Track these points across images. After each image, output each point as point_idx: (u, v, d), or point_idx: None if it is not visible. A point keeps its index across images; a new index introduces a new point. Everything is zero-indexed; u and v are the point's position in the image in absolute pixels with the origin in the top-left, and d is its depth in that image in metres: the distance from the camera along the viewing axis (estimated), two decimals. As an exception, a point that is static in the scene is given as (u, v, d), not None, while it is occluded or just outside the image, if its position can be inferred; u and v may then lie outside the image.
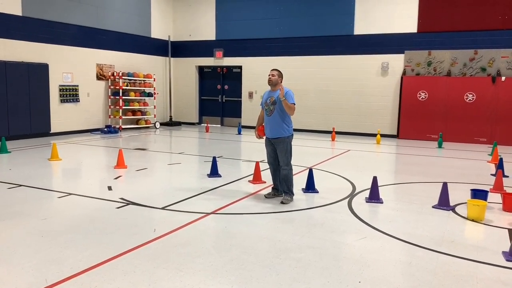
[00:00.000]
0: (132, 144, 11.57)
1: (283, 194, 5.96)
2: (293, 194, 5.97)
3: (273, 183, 6.21)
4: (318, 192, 6.40)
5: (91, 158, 9.56)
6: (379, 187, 6.04)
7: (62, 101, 12.95)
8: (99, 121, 14.30)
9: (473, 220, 5.17)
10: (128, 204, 5.65)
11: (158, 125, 15.88)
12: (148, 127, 15.67)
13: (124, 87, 14.49)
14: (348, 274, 3.64)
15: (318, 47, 14.69)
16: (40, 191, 6.33)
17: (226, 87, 16.98)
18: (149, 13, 16.10)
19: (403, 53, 13.59)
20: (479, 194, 5.71)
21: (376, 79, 14.03)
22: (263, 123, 6.14)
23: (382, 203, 5.89)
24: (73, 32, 13.16)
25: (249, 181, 7.11)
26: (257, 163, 7.17)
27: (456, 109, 12.84)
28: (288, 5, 15.03)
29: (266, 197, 6.10)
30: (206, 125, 15.58)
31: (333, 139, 12.94)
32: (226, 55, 16.36)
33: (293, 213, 5.43)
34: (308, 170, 6.72)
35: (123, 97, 14.52)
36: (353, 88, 14.33)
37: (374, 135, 13.35)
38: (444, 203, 5.69)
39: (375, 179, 6.02)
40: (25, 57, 11.76)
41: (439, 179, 7.36)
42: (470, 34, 12.75)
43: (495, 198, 6.12)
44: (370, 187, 6.08)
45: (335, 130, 13.49)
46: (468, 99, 12.70)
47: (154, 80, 15.80)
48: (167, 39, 16.96)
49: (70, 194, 6.15)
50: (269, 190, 6.35)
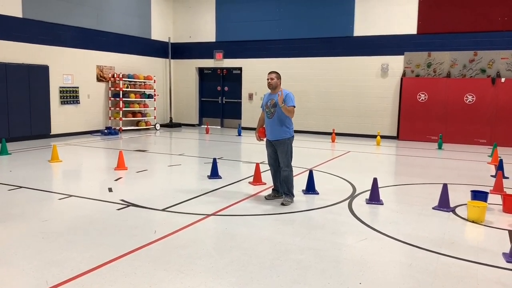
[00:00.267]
0: (133, 145, 11.58)
1: (284, 196, 5.97)
2: (293, 196, 5.98)
3: (274, 184, 6.22)
4: (318, 194, 6.41)
5: (91, 160, 9.57)
6: (379, 189, 6.05)
7: (63, 102, 12.96)
8: (99, 122, 14.31)
9: (473, 222, 5.17)
10: (128, 206, 5.65)
11: (158, 126, 15.88)
12: (148, 129, 15.68)
13: (124, 89, 14.51)
14: (348, 276, 3.65)
15: (318, 49, 14.71)
16: (40, 192, 6.33)
17: (226, 88, 16.99)
18: (149, 14, 16.12)
19: (403, 54, 13.61)
20: (479, 196, 5.72)
21: (376, 81, 14.05)
22: (263, 125, 6.14)
23: (383, 204, 5.89)
24: (73, 34, 13.18)
25: (249, 182, 7.11)
26: (257, 164, 7.17)
27: (456, 111, 12.84)
28: (288, 6, 15.05)
29: (267, 199, 6.11)
30: (206, 126, 15.59)
31: (333, 141, 12.95)
32: (226, 56, 16.38)
33: (293, 214, 5.43)
34: (308, 172, 6.72)
35: (123, 98, 14.53)
36: (353, 89, 14.35)
37: (374, 136, 13.36)
38: (444, 204, 5.69)
39: (375, 180, 6.03)
40: (25, 59, 11.77)
41: (439, 180, 7.36)
42: (470, 35, 12.77)
43: (495, 199, 6.12)
44: (370, 188, 6.08)
45: (335, 132, 13.49)
46: (468, 101, 12.71)
47: (154, 82, 15.82)
48: (167, 40, 16.98)
49: (70, 195, 6.15)
50: (269, 191, 6.37)
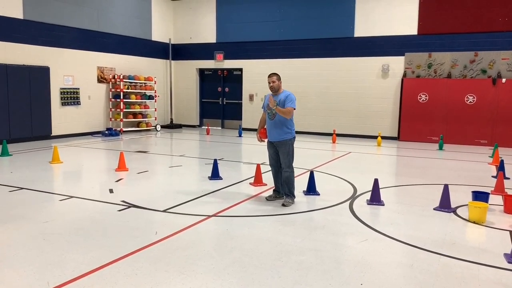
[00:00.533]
0: (133, 146, 11.58)
1: (284, 197, 5.96)
2: (294, 197, 5.98)
3: (275, 185, 6.22)
4: (319, 195, 6.40)
5: (92, 161, 9.58)
6: (380, 189, 6.04)
7: (63, 104, 12.97)
8: (100, 124, 14.32)
9: (474, 222, 5.17)
10: (129, 207, 5.65)
11: (159, 127, 15.89)
12: (149, 130, 15.69)
13: (125, 90, 14.52)
14: (349, 277, 3.65)
15: (319, 50, 14.71)
16: (41, 194, 6.34)
17: (227, 89, 16.99)
18: (150, 16, 16.14)
19: (403, 55, 13.61)
20: (480, 196, 5.72)
21: (376, 81, 14.05)
22: (264, 126, 6.15)
23: (383, 205, 5.89)
24: (74, 35, 13.19)
25: (250, 183, 7.11)
26: (258, 165, 7.17)
27: (456, 111, 12.84)
28: (288, 7, 15.06)
29: (268, 200, 6.11)
30: (206, 127, 15.59)
31: (334, 141, 12.95)
32: (226, 57, 16.38)
33: (294, 215, 5.43)
34: (309, 173, 6.72)
35: (124, 100, 14.54)
36: (353, 90, 14.35)
37: (375, 137, 13.35)
38: (445, 205, 5.69)
39: (376, 181, 6.02)
40: (26, 60, 11.79)
41: (440, 181, 7.36)
42: (471, 36, 12.77)
43: (496, 200, 6.11)
44: (371, 189, 6.08)
45: (335, 132, 13.49)
46: (468, 101, 12.70)
47: (155, 83, 15.83)
48: (167, 41, 16.99)
49: (71, 197, 6.15)
50: (270, 192, 6.36)
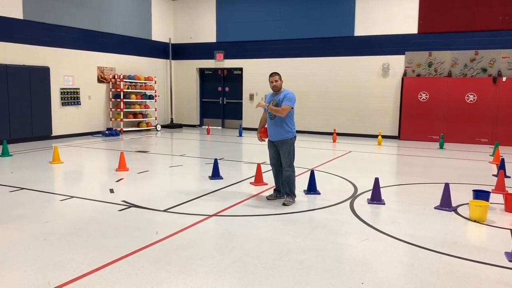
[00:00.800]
0: (134, 146, 11.58)
1: (285, 196, 5.96)
2: (295, 196, 5.97)
3: (275, 184, 6.21)
4: (320, 194, 6.40)
5: (92, 161, 9.58)
6: (380, 189, 6.04)
7: (64, 104, 12.97)
8: (100, 124, 14.32)
9: (475, 221, 5.16)
10: (130, 207, 5.65)
11: (159, 127, 15.89)
12: (149, 130, 15.69)
13: (125, 90, 14.51)
14: (350, 276, 3.64)
15: (319, 49, 14.70)
16: (42, 194, 6.34)
17: (227, 89, 16.99)
18: (150, 15, 16.13)
19: (403, 54, 13.60)
20: (481, 195, 5.71)
21: (377, 80, 14.04)
22: (265, 125, 6.15)
23: (384, 204, 5.88)
24: (74, 35, 13.19)
25: (250, 183, 7.11)
26: (258, 165, 7.17)
27: (457, 110, 12.83)
28: (288, 7, 15.05)
29: (268, 199, 6.10)
30: (207, 127, 15.59)
31: (334, 141, 12.94)
32: (226, 57, 16.38)
33: (295, 215, 5.42)
34: (309, 172, 6.72)
35: (124, 99, 14.54)
36: (354, 89, 14.34)
37: (375, 136, 13.35)
38: (446, 204, 5.68)
39: (376, 180, 6.02)
40: (26, 60, 11.78)
41: (440, 180, 7.35)
42: (471, 34, 12.76)
43: (497, 198, 6.10)
44: (371, 188, 6.08)
45: (336, 132, 13.48)
46: (469, 100, 12.69)
47: (155, 83, 15.83)
48: (167, 41, 16.99)
49: (72, 197, 6.15)
50: (271, 192, 6.36)
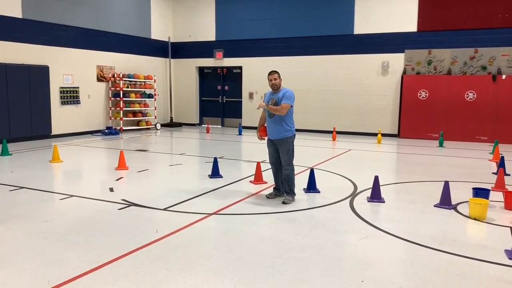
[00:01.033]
0: (133, 145, 11.58)
1: (285, 194, 5.96)
2: (294, 194, 5.97)
3: (275, 183, 6.21)
4: (319, 192, 6.40)
5: (92, 160, 9.57)
6: (380, 187, 6.04)
7: (63, 103, 12.96)
8: (100, 122, 14.31)
9: (475, 219, 5.17)
10: (129, 206, 5.65)
11: (158, 126, 15.88)
12: (148, 129, 15.68)
13: (124, 89, 14.50)
14: (350, 274, 3.64)
15: (318, 47, 14.69)
16: (41, 193, 6.33)
17: (227, 87, 16.98)
18: (149, 14, 16.11)
19: (403, 52, 13.58)
20: (480, 193, 5.71)
21: (376, 79, 14.03)
22: (264, 124, 6.14)
23: (384, 202, 5.88)
24: (73, 34, 13.17)
25: (250, 181, 7.11)
26: (258, 163, 7.17)
27: (456, 108, 12.83)
28: (288, 5, 15.02)
29: (268, 198, 6.10)
30: (206, 126, 15.59)
31: (334, 139, 12.94)
32: (226, 55, 16.36)
33: (294, 213, 5.42)
34: (309, 170, 6.72)
35: (124, 98, 14.53)
36: (353, 87, 14.33)
37: (375, 134, 13.34)
38: (446, 202, 5.68)
39: (376, 178, 6.02)
40: (25, 59, 11.77)
41: (440, 178, 7.35)
42: (470, 32, 12.75)
43: (497, 196, 6.11)
44: (371, 186, 6.08)
45: (336, 130, 13.48)
46: (468, 98, 12.69)
47: (155, 81, 15.81)
48: (167, 40, 16.97)
49: (71, 196, 6.15)
50: (270, 190, 6.36)
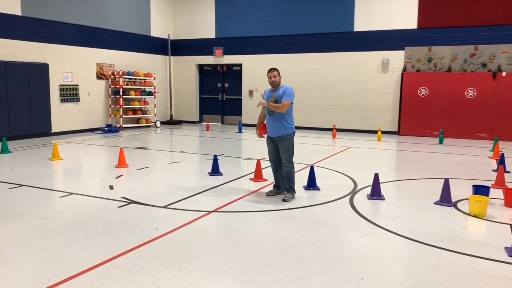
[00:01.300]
0: (133, 143, 11.57)
1: (285, 192, 5.96)
2: (294, 192, 5.97)
3: (275, 180, 6.21)
4: (319, 190, 6.40)
5: (92, 158, 9.57)
6: (380, 184, 6.04)
7: (63, 100, 12.95)
8: (99, 120, 14.30)
9: (475, 216, 5.17)
10: (129, 203, 5.65)
11: (158, 124, 15.87)
12: (148, 126, 15.67)
13: (124, 86, 14.48)
14: (351, 271, 3.64)
15: (318, 44, 14.66)
16: (41, 190, 6.33)
17: (226, 85, 16.96)
18: (149, 11, 16.08)
19: (403, 49, 13.56)
20: (481, 190, 5.71)
21: (376, 76, 14.01)
22: (263, 121, 6.13)
23: (384, 199, 5.88)
24: (73, 32, 13.15)
25: (250, 179, 7.11)
26: (258, 161, 7.16)
27: (457, 105, 12.81)
28: (287, 2, 14.99)
29: (268, 195, 6.10)
30: (206, 123, 15.57)
31: (334, 137, 12.93)
32: (226, 53, 16.34)
33: (294, 210, 5.42)
34: (309, 168, 6.72)
35: (124, 96, 14.51)
36: (353, 85, 14.31)
37: (375, 132, 13.33)
38: (446, 199, 5.68)
39: (376, 176, 6.01)
40: (25, 57, 11.75)
41: (440, 175, 7.35)
42: (471, 29, 12.73)
43: (497, 193, 6.11)
44: (371, 184, 6.08)
45: (335, 128, 13.47)
46: (469, 95, 12.68)
47: (154, 79, 15.80)
48: (166, 37, 16.94)
49: (71, 193, 6.15)
50: (270, 187, 6.35)
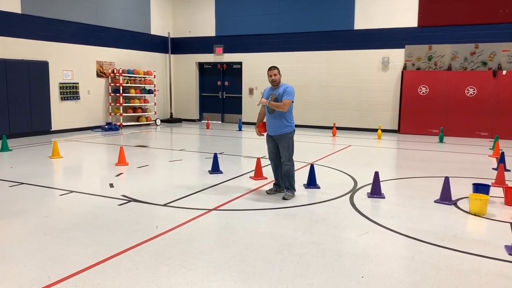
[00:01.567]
0: (133, 141, 11.57)
1: (285, 190, 5.96)
2: (294, 190, 5.97)
3: (275, 179, 6.21)
4: (319, 188, 6.40)
5: (92, 156, 9.57)
6: (380, 182, 6.04)
7: (63, 98, 12.94)
8: (99, 118, 14.30)
9: (475, 215, 5.17)
10: (130, 201, 5.65)
11: (158, 122, 15.87)
12: (148, 124, 15.67)
13: (124, 84, 14.47)
14: (351, 269, 3.65)
15: (318, 43, 14.65)
16: (41, 189, 6.33)
17: (226, 83, 16.95)
18: (149, 9, 16.05)
19: (403, 47, 13.55)
20: (481, 189, 5.71)
21: (376, 74, 14.00)
22: (263, 119, 6.13)
23: (384, 198, 5.88)
24: (73, 30, 13.13)
25: (250, 177, 7.11)
26: (258, 159, 7.16)
27: (457, 104, 12.81)
28: (287, 0, 14.96)
29: (268, 193, 6.10)
30: (206, 121, 15.57)
31: (334, 135, 12.93)
32: (226, 51, 16.33)
33: (295, 209, 5.42)
34: (309, 166, 6.72)
35: (124, 94, 14.51)
36: (353, 83, 14.30)
37: (375, 130, 13.33)
38: (446, 197, 5.68)
39: (376, 174, 6.01)
40: (25, 55, 11.74)
41: (440, 173, 7.35)
42: (471, 28, 12.71)
43: (497, 192, 6.11)
44: (371, 182, 6.07)
45: (336, 126, 13.46)
46: (469, 93, 12.67)
47: (154, 77, 15.79)
48: (166, 35, 16.92)
49: (71, 191, 6.15)
50: (270, 186, 6.36)
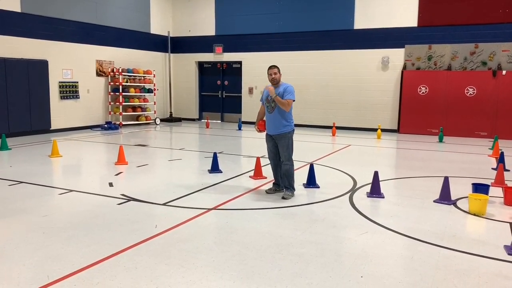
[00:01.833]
0: (133, 140, 11.57)
1: (284, 190, 5.96)
2: (294, 189, 5.97)
3: (274, 178, 6.21)
4: (319, 187, 6.40)
5: (91, 155, 9.56)
6: (380, 182, 6.04)
7: (62, 97, 12.93)
8: (99, 117, 14.29)
9: (474, 214, 5.17)
10: (129, 200, 5.65)
11: (158, 121, 15.86)
12: (148, 123, 15.66)
13: (124, 84, 14.46)
14: (350, 269, 3.65)
15: (318, 42, 14.64)
16: (41, 188, 6.33)
17: (226, 82, 16.94)
18: (149, 8, 16.04)
19: (403, 47, 13.55)
20: (480, 188, 5.71)
21: (376, 74, 14.00)
22: (263, 118, 6.13)
23: (383, 197, 5.88)
24: (73, 29, 13.12)
25: (250, 176, 7.11)
26: (257, 158, 7.16)
27: (456, 103, 12.81)
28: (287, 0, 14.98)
29: (267, 193, 6.10)
30: (206, 121, 15.57)
31: (333, 134, 12.93)
32: (226, 50, 16.32)
33: (294, 208, 5.42)
34: (309, 166, 6.71)
35: (123, 93, 14.50)
36: (353, 83, 14.30)
37: (375, 130, 13.33)
38: (445, 197, 5.68)
39: (376, 174, 6.01)
40: (24, 53, 11.73)
41: (440, 173, 7.35)
42: (471, 28, 12.71)
43: (496, 192, 6.11)
44: (371, 182, 6.08)
45: (335, 125, 13.46)
46: (468, 93, 12.67)
47: (154, 76, 15.78)
48: (166, 34, 16.91)
49: (71, 190, 6.15)
50: (270, 185, 6.36)
